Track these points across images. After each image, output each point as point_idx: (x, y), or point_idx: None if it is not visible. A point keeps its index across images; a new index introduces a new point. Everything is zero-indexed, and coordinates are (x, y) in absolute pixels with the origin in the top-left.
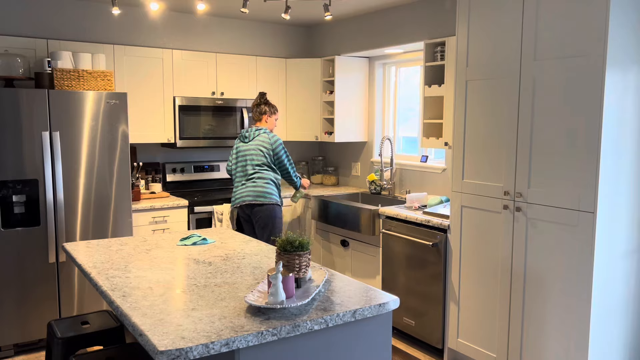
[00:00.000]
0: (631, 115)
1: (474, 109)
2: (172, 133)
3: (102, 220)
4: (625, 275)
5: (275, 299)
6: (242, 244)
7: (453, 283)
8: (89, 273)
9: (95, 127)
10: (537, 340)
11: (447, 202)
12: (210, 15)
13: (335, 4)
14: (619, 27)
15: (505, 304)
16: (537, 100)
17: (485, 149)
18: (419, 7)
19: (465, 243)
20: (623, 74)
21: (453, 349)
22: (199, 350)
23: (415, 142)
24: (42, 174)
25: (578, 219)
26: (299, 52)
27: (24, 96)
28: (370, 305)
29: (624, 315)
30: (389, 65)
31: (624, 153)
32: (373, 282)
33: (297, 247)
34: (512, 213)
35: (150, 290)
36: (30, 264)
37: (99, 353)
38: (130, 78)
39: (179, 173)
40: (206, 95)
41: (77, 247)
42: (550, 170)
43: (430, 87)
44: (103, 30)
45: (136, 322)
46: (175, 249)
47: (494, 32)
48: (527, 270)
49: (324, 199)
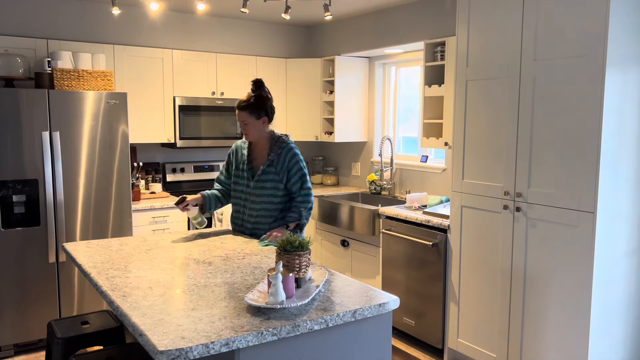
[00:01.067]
0: (631, 115)
1: (474, 109)
2: (172, 133)
3: (102, 220)
4: (625, 275)
5: (275, 299)
6: (242, 244)
7: (453, 283)
8: (89, 273)
9: (95, 127)
10: (537, 340)
11: (447, 202)
12: (210, 15)
13: (335, 4)
14: (619, 27)
15: (505, 304)
16: (537, 100)
17: (485, 149)
18: (419, 7)
19: (465, 243)
20: (623, 74)
21: (453, 349)
22: (199, 350)
23: (415, 142)
24: (42, 174)
25: (578, 219)
26: (299, 52)
27: (24, 96)
28: (370, 305)
29: (624, 315)
30: (389, 65)
31: (624, 153)
32: (373, 282)
33: (297, 247)
34: (512, 213)
35: (150, 290)
36: (30, 264)
37: (99, 353)
38: (130, 78)
39: (179, 173)
40: (206, 95)
41: (77, 247)
42: (550, 170)
43: (430, 87)
44: (103, 30)
45: (136, 322)
46: (175, 249)
47: (494, 32)
48: (527, 270)
49: (324, 199)
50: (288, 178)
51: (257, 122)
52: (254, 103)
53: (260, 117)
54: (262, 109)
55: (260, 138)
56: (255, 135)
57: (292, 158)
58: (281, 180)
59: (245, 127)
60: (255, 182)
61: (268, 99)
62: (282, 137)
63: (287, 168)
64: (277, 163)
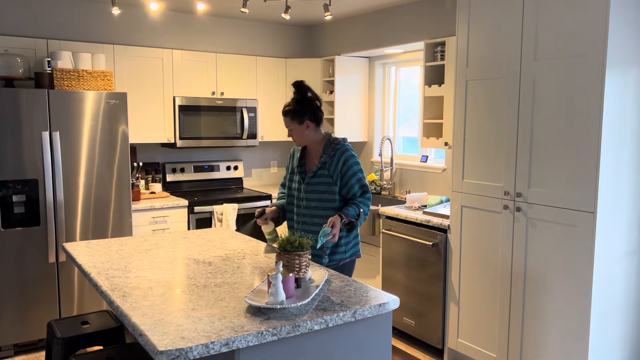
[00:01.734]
0: (631, 115)
1: (474, 109)
2: (172, 133)
3: (102, 220)
4: (625, 275)
5: (275, 299)
6: (242, 244)
7: (453, 283)
8: (89, 273)
9: (95, 127)
10: (537, 340)
11: (447, 202)
12: (210, 15)
13: (335, 4)
14: (618, 27)
15: (505, 304)
16: (537, 100)
17: (485, 149)
18: (419, 7)
19: (466, 243)
20: (623, 75)
21: (453, 349)
22: (199, 350)
23: (415, 142)
24: (42, 174)
25: (578, 219)
26: (299, 52)
27: (24, 96)
28: (370, 305)
29: (624, 315)
30: (389, 65)
31: (624, 153)
32: (373, 282)
33: (297, 247)
34: (512, 213)
35: (150, 290)
36: (30, 264)
37: (99, 353)
38: (130, 78)
39: (179, 173)
40: (206, 95)
41: (77, 247)
42: (550, 170)
43: (430, 87)
44: (103, 30)
45: (136, 322)
46: (175, 249)
47: (494, 32)
48: (527, 270)
49: None
50: (342, 182)
51: (301, 127)
52: (293, 108)
53: (303, 122)
54: (304, 114)
55: (311, 142)
56: (302, 140)
57: (347, 161)
58: (335, 182)
59: (291, 133)
60: (306, 184)
61: (311, 101)
62: (337, 139)
63: (341, 171)
64: (330, 165)
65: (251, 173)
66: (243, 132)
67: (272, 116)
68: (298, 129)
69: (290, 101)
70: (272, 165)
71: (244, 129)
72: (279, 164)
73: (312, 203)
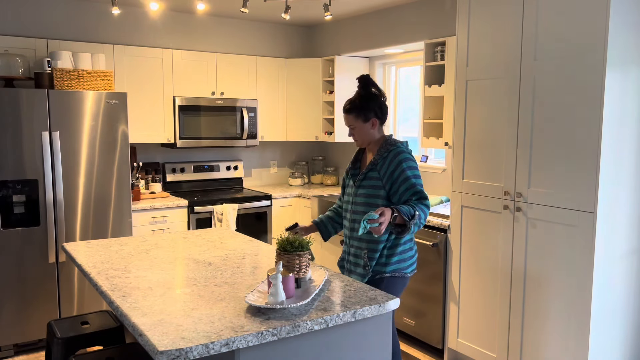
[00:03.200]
0: (631, 115)
1: (474, 109)
2: (172, 133)
3: (102, 220)
4: (625, 275)
5: (275, 299)
6: (242, 244)
7: (453, 283)
8: (89, 273)
9: (95, 127)
10: (537, 340)
11: (447, 202)
12: (210, 15)
13: (335, 4)
14: (619, 27)
15: (505, 304)
16: (537, 100)
17: (485, 149)
18: (419, 7)
19: (466, 243)
20: (623, 74)
21: (453, 349)
22: (199, 350)
23: (415, 142)
24: (42, 174)
25: (578, 219)
26: (299, 52)
27: (24, 96)
28: (370, 305)
29: (624, 315)
30: (389, 65)
31: (624, 153)
32: None
33: (297, 247)
34: (512, 213)
35: (150, 290)
36: (30, 264)
37: (98, 353)
38: (130, 78)
39: (178, 173)
40: (206, 95)
41: (77, 247)
42: (550, 170)
43: (430, 87)
44: (103, 30)
45: (136, 322)
46: (175, 249)
47: (494, 32)
48: (527, 270)
49: (324, 198)
50: (392, 187)
51: (366, 125)
52: (359, 105)
53: (369, 120)
54: (370, 110)
55: (371, 143)
56: (365, 139)
57: (400, 163)
58: (383, 186)
59: (353, 132)
60: (356, 187)
61: (376, 96)
62: (395, 140)
63: (392, 175)
64: (382, 167)
65: (251, 173)
66: (243, 132)
67: (272, 116)
68: (363, 127)
69: (353, 97)
70: (272, 165)
71: (244, 129)
72: (279, 164)
73: (359, 207)
